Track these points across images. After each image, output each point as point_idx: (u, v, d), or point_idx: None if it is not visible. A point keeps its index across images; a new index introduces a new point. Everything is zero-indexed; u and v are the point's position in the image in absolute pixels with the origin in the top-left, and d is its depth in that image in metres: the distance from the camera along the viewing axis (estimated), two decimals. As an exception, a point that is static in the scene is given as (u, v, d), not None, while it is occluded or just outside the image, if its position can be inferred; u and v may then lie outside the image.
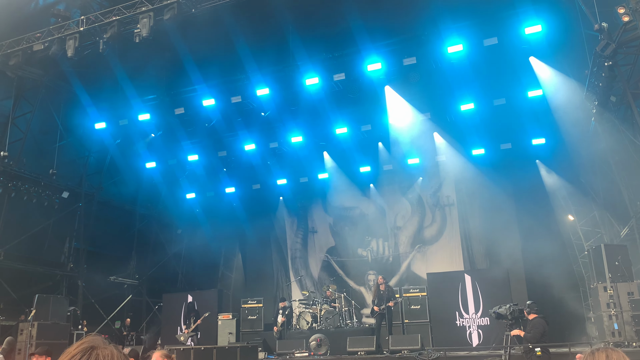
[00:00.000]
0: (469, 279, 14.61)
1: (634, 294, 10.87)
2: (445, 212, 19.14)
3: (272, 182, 20.20)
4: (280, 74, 16.05)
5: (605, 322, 10.99)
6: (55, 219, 16.75)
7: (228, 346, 13.27)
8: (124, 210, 18.86)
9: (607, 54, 10.41)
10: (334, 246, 20.34)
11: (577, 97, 13.90)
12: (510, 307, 9.83)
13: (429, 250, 18.94)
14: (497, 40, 13.90)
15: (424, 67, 15.20)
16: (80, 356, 1.68)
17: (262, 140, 18.58)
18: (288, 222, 21.33)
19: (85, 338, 1.81)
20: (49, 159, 16.43)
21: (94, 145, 18.25)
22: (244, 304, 16.86)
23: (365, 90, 16.27)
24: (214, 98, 16.64)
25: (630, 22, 9.98)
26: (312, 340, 13.67)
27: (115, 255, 19.07)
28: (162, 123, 18.13)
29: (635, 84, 11.31)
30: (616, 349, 2.11)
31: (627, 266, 11.50)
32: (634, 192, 13.32)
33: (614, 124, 13.19)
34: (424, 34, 14.54)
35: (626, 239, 13.84)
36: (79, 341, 1.78)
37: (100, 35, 13.16)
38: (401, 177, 19.21)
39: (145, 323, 19.30)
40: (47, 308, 14.19)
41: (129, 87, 15.86)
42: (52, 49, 13.49)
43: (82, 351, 1.69)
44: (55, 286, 16.67)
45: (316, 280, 20.13)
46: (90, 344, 1.74)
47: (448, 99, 16.18)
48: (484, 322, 14.08)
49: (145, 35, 12.53)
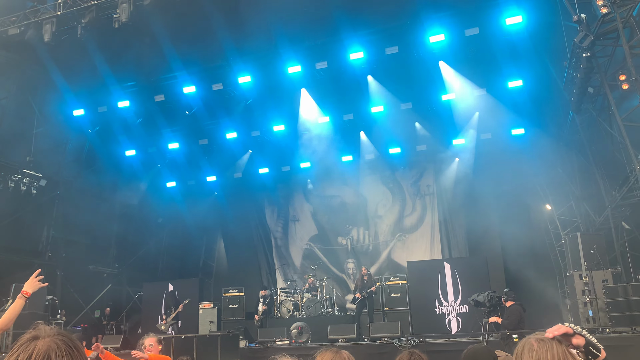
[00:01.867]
0: (448, 267, 14.79)
1: (608, 282, 11.13)
2: (425, 201, 19.33)
3: (254, 170, 20.14)
4: (262, 62, 15.91)
5: (580, 309, 11.24)
6: (32, 207, 16.47)
7: (209, 335, 13.26)
8: (103, 198, 18.61)
9: (585, 45, 10.53)
10: (317, 234, 20.40)
11: (556, 88, 14.09)
12: (489, 294, 9.99)
13: (409, 239, 19.14)
14: (479, 31, 13.97)
15: (406, 57, 15.21)
16: (20, 346, 1.63)
17: (243, 129, 18.47)
18: (268, 210, 21.33)
19: (36, 327, 1.76)
20: (25, 146, 16.12)
21: (73, 133, 17.95)
22: (225, 293, 16.85)
23: (347, 79, 16.24)
24: (194, 85, 16.46)
25: (608, 14, 10.11)
26: (294, 328, 13.74)
27: (94, 244, 18.84)
28: (142, 110, 17.87)
29: (612, 76, 11.49)
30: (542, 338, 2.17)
31: (602, 254, 11.75)
32: (609, 182, 13.58)
33: (592, 114, 13.41)
34: (406, 23, 14.52)
35: (601, 228, 14.14)
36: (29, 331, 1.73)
37: (78, 20, 12.90)
38: (382, 166, 19.34)
39: (125, 312, 19.15)
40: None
41: (108, 74, 15.56)
42: (28, 34, 13.19)
43: (25, 341, 1.64)
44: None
45: (298, 269, 20.20)
46: (34, 334, 1.68)
47: (429, 89, 16.25)
48: (462, 310, 14.29)
49: (124, 20, 12.31)
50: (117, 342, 13.23)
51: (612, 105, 11.36)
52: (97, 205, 17.53)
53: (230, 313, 16.46)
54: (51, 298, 15.45)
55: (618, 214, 13.32)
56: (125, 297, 19.86)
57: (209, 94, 16.85)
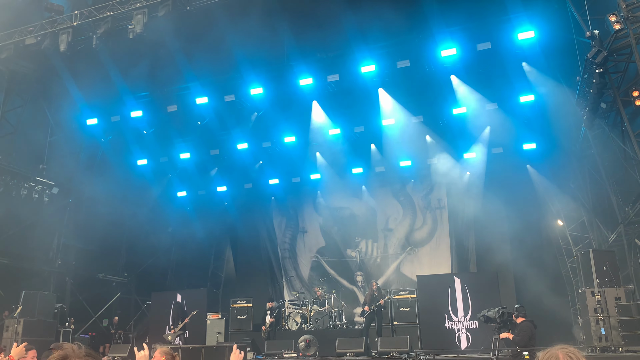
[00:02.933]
0: (458, 282, 14.66)
1: (621, 300, 10.96)
2: (436, 215, 19.24)
3: (264, 181, 20.19)
4: (274, 74, 16.04)
5: (592, 327, 11.07)
6: (44, 214, 16.61)
7: (216, 346, 13.23)
8: (114, 207, 18.72)
9: (598, 61, 10.49)
10: (324, 246, 20.36)
11: (568, 103, 14.02)
12: (499, 310, 9.88)
13: (419, 253, 19.03)
14: (491, 45, 13.99)
15: (418, 70, 15.25)
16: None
17: (254, 140, 18.55)
18: (277, 221, 21.33)
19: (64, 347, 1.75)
20: (39, 154, 16.31)
21: (86, 141, 18.13)
22: (233, 304, 16.80)
23: (358, 92, 16.30)
24: (207, 96, 16.60)
25: (621, 30, 10.08)
26: (301, 341, 13.67)
27: (104, 253, 18.92)
28: (155, 120, 18.04)
29: (625, 92, 11.42)
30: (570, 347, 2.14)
31: (615, 272, 11.58)
32: (622, 198, 13.45)
33: (604, 130, 13.32)
34: (418, 37, 14.60)
35: (614, 245, 13.97)
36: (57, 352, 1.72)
37: (94, 31, 13.09)
38: (393, 179, 19.29)
39: (133, 321, 19.18)
40: (33, 305, 14.08)
41: (122, 84, 15.78)
42: (44, 43, 13.40)
43: None
44: (43, 283, 16.52)
45: (306, 281, 20.13)
46: (63, 354, 1.67)
47: (441, 103, 16.26)
48: (472, 326, 14.14)
49: (139, 31, 12.48)
50: (124, 351, 13.24)
51: (625, 121, 11.28)
52: (108, 214, 17.62)
53: (238, 324, 16.40)
54: (60, 306, 15.53)
55: (631, 230, 13.16)
56: (133, 306, 19.90)
57: (221, 104, 16.97)
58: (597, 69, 10.69)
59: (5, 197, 15.23)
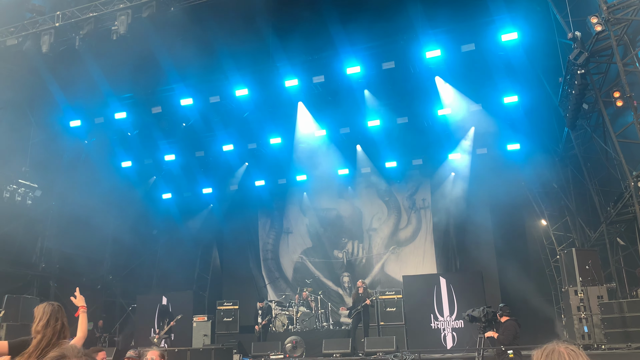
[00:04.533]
0: (444, 282, 14.76)
1: (603, 298, 11.13)
2: (420, 215, 19.37)
3: (250, 183, 20.13)
4: (259, 75, 16.00)
5: (575, 325, 11.21)
6: (27, 217, 16.38)
7: (202, 348, 13.16)
8: (98, 209, 18.51)
9: (580, 62, 10.64)
10: (311, 247, 20.36)
11: (551, 104, 14.19)
12: (484, 309, 9.95)
13: (403, 252, 19.14)
14: (475, 47, 14.10)
15: (403, 72, 15.31)
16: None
17: (240, 141, 18.49)
18: (261, 222, 21.29)
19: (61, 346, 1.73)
20: (21, 156, 16.07)
21: (69, 143, 17.90)
22: (219, 306, 16.73)
23: (344, 93, 16.33)
24: (192, 97, 16.49)
25: (602, 31, 10.23)
26: (288, 342, 13.65)
27: (88, 256, 18.71)
28: (139, 122, 17.90)
29: (606, 93, 11.59)
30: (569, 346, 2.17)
31: (597, 270, 11.75)
32: (604, 198, 13.64)
33: (586, 131, 13.51)
34: (403, 38, 14.65)
35: (597, 244, 14.16)
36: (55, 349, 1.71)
37: (77, 32, 12.94)
38: (378, 179, 19.37)
39: (118, 325, 19.00)
40: (16, 309, 13.86)
41: (105, 85, 15.60)
42: (26, 44, 13.22)
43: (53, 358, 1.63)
44: (26, 287, 16.30)
45: (290, 282, 20.12)
46: (61, 354, 1.66)
47: (425, 104, 16.35)
48: (458, 325, 14.23)
49: (122, 32, 12.36)
50: (109, 354, 13.09)
51: (607, 122, 11.44)
52: (92, 216, 17.42)
53: (225, 326, 16.33)
54: (44, 310, 15.30)
55: (613, 229, 13.35)
56: (118, 309, 19.71)
57: (206, 106, 16.88)
58: (579, 70, 10.84)
59: (-14, 200, 15.02)
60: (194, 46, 14.13)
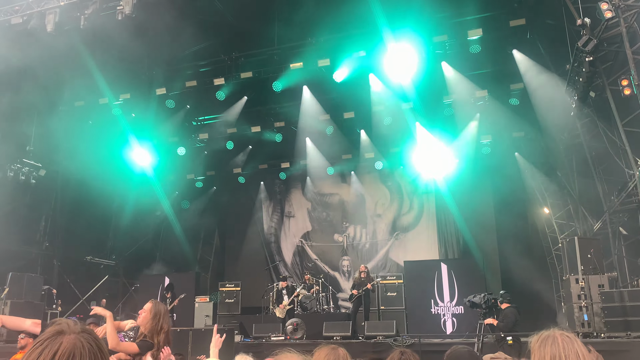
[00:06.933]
0: (445, 268, 14.81)
1: (604, 287, 11.13)
2: (422, 200, 19.39)
3: (254, 166, 20.13)
4: (262, 57, 15.92)
5: (575, 313, 11.24)
6: (31, 196, 16.45)
7: (204, 328, 13.27)
8: (102, 189, 18.57)
9: (589, 49, 10.51)
10: (310, 231, 20.44)
11: (557, 92, 14.06)
12: (485, 296, 10.00)
13: (406, 237, 19.18)
14: (482, 33, 13.95)
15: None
16: (45, 341, 1.58)
17: (244, 125, 18.43)
18: (265, 206, 21.36)
19: (58, 321, 1.71)
20: (26, 135, 16.08)
21: (74, 123, 17.82)
22: (221, 287, 16.86)
23: (349, 77, 16.20)
24: (195, 80, 16.40)
25: (612, 18, 10.09)
26: (289, 324, 13.75)
27: (92, 235, 18.83)
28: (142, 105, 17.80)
29: (614, 81, 11.47)
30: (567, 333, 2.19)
31: (599, 259, 11.74)
32: (608, 187, 13.58)
33: (593, 119, 13.40)
34: (412, 22, 14.48)
35: (599, 233, 14.15)
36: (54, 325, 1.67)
37: (81, 11, 12.85)
38: (382, 165, 19.32)
39: (120, 304, 19.16)
40: (20, 286, 14.01)
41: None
42: (30, 23, 13.14)
43: (50, 336, 1.59)
44: (30, 265, 16.43)
45: (289, 266, 20.24)
46: (58, 329, 1.62)
47: (431, 89, 16.22)
48: (458, 311, 14.31)
49: (128, 12, 12.26)
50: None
51: (614, 110, 11.35)
52: (96, 196, 17.48)
53: (226, 307, 16.46)
54: (47, 288, 15.46)
55: (616, 219, 13.32)
56: (121, 289, 19.86)
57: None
58: (587, 57, 10.71)
59: (-9, 178, 15.07)
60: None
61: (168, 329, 4.79)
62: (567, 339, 2.15)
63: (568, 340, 2.14)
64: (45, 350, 1.55)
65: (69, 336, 1.59)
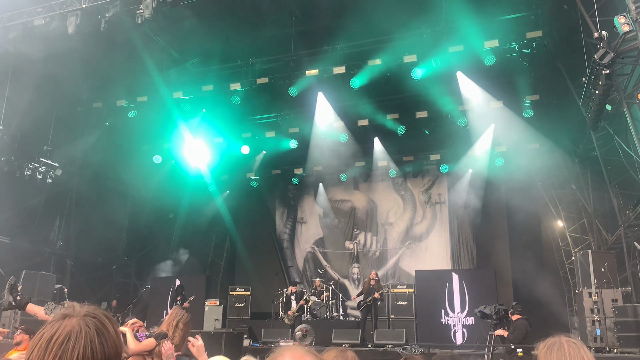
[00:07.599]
0: (456, 278, 14.73)
1: (617, 301, 11.03)
2: (435, 210, 19.31)
3: (267, 171, 20.22)
4: (278, 64, 16.03)
5: (588, 328, 11.14)
6: (47, 195, 16.67)
7: (213, 332, 13.32)
8: (116, 191, 18.77)
9: (605, 62, 10.46)
10: (322, 237, 20.46)
11: (573, 104, 14.00)
12: (496, 307, 9.95)
13: (418, 247, 19.11)
14: (498, 43, 13.92)
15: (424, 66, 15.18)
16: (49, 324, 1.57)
17: (258, 130, 18.55)
18: (279, 212, 21.42)
19: (68, 304, 1.70)
20: (44, 135, 16.32)
21: (91, 124, 18.06)
22: (231, 291, 16.91)
23: (363, 86, 16.23)
24: (212, 84, 16.54)
25: (630, 32, 10.04)
26: (298, 330, 13.74)
27: (105, 236, 18.96)
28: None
29: (631, 94, 11.41)
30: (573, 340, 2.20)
31: (613, 273, 11.64)
32: (624, 201, 13.47)
33: (608, 132, 13.32)
34: (426, 32, 14.49)
35: (613, 247, 14.01)
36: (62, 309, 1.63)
37: (102, 14, 13.05)
38: (395, 173, 19.29)
39: (131, 305, 19.30)
40: (33, 284, 14.18)
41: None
42: (52, 25, 13.37)
43: (55, 319, 1.58)
44: (43, 263, 16.62)
45: (301, 272, 20.25)
46: (65, 312, 1.59)
47: (446, 99, 16.19)
48: (468, 322, 14.22)
49: (147, 16, 12.42)
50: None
51: (630, 124, 11.28)
52: (110, 197, 17.68)
53: (236, 312, 16.51)
54: (60, 287, 15.61)
55: (631, 233, 13.20)
56: (132, 290, 20.01)
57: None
58: (604, 70, 10.66)
59: (8, 177, 15.27)
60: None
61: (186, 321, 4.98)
62: (574, 345, 2.16)
63: (574, 347, 2.15)
64: (46, 334, 1.55)
65: (71, 319, 1.57)
